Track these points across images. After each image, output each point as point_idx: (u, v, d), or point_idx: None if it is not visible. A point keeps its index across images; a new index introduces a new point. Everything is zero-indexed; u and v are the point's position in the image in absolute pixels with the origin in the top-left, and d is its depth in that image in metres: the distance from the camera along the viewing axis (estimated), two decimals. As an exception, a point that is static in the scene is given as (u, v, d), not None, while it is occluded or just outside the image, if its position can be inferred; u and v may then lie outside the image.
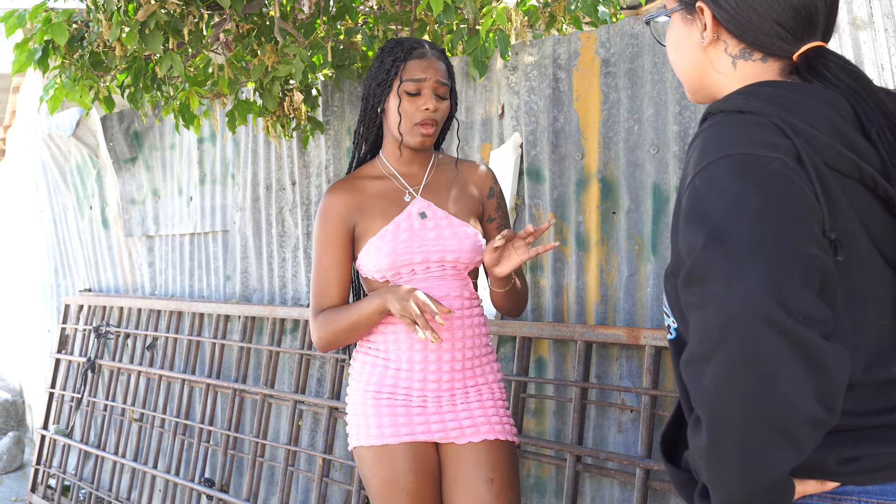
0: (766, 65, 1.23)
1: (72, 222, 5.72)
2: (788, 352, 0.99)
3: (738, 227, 1.04)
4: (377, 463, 2.13)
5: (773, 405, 1.00)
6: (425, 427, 2.13)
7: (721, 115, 1.18)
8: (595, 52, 2.76)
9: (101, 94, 3.71)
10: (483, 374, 2.21)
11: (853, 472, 1.12)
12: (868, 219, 1.13)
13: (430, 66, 2.16)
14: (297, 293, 3.96)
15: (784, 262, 1.02)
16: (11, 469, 6.14)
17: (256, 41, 3.44)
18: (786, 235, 1.04)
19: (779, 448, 1.02)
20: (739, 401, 1.01)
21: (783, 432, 1.02)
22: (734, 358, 1.01)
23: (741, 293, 1.00)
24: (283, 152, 3.97)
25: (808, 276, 1.03)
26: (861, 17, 2.17)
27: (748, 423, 1.02)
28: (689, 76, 1.30)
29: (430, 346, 2.13)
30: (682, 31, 1.28)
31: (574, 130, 2.82)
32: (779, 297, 1.00)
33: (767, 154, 1.09)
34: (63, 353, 5.24)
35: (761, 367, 1.00)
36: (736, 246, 1.03)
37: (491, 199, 2.27)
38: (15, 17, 3.47)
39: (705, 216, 1.07)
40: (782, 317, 0.99)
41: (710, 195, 1.08)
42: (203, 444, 4.07)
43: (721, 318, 1.02)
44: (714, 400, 1.03)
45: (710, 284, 1.03)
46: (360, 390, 2.19)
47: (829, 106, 1.16)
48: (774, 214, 1.05)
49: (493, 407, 2.19)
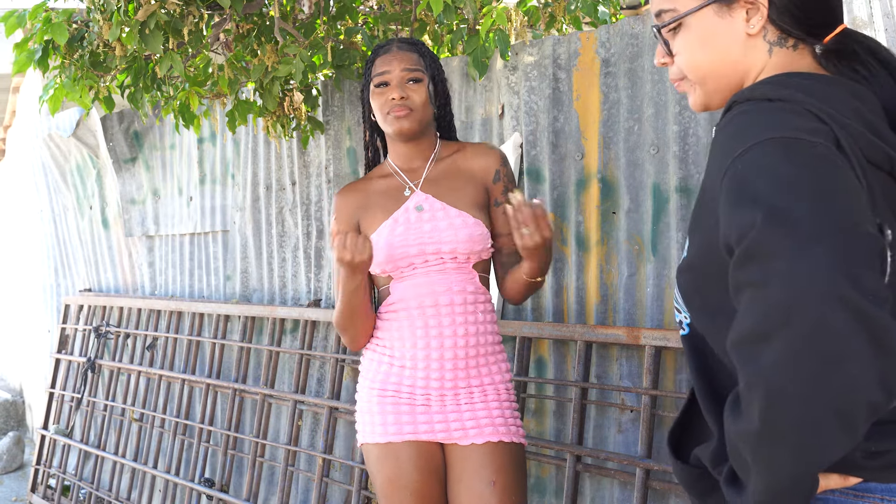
0: (797, 52, 1.23)
1: (72, 222, 5.72)
2: (860, 331, 0.96)
3: (798, 206, 1.01)
4: (381, 460, 2.15)
5: (837, 387, 0.97)
6: (429, 426, 2.14)
7: (749, 103, 1.16)
8: (595, 52, 2.76)
9: (101, 94, 3.71)
10: (490, 374, 2.20)
11: (878, 466, 1.10)
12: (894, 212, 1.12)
13: (395, 57, 2.21)
14: (297, 293, 3.96)
15: (848, 239, 0.99)
16: (11, 469, 6.15)
17: (256, 41, 3.44)
18: (845, 214, 1.01)
19: (836, 431, 0.99)
20: (803, 381, 0.97)
21: (843, 415, 0.98)
22: (801, 336, 0.97)
23: (810, 269, 0.97)
24: (283, 152, 3.97)
25: (872, 255, 1.00)
26: (861, 17, 2.17)
27: (809, 405, 0.98)
28: (719, 74, 1.26)
29: (433, 343, 2.13)
30: (717, 25, 1.24)
31: (574, 130, 2.82)
32: (849, 274, 0.97)
33: (810, 138, 1.06)
34: (63, 353, 5.24)
35: (829, 347, 0.96)
36: (799, 223, 0.99)
37: (497, 182, 2.24)
38: (15, 17, 3.47)
39: (758, 196, 1.03)
40: (855, 295, 0.96)
41: (759, 176, 1.05)
42: (203, 444, 4.07)
43: (788, 295, 0.98)
44: (774, 379, 0.99)
45: (773, 261, 1.00)
46: (366, 387, 2.22)
47: (858, 98, 1.15)
48: (830, 194, 1.02)
49: (499, 408, 2.18)
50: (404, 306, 2.15)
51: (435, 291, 2.14)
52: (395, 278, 2.18)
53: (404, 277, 2.17)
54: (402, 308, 2.15)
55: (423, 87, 2.19)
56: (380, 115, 2.20)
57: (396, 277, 2.17)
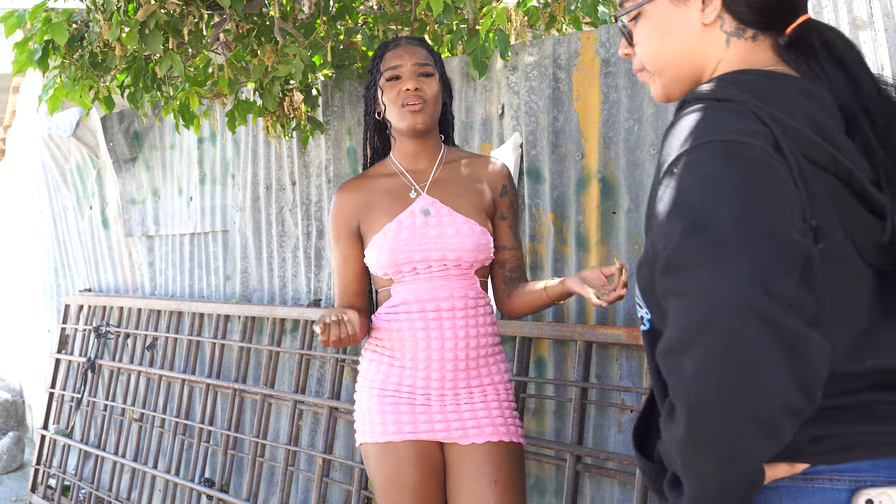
0: (756, 43, 1.22)
1: (72, 222, 5.72)
2: (772, 341, 0.98)
3: (720, 214, 1.02)
4: (381, 460, 2.14)
5: (755, 396, 0.99)
6: (429, 426, 2.14)
7: (698, 102, 1.16)
8: (595, 52, 2.76)
9: (101, 94, 3.71)
10: (489, 375, 2.20)
11: (824, 451, 1.11)
12: (842, 212, 1.11)
13: (405, 51, 2.20)
14: (297, 293, 3.96)
15: (768, 248, 1.00)
16: (11, 469, 6.14)
17: (256, 41, 3.44)
18: (769, 221, 1.02)
19: (758, 438, 1.01)
20: (721, 391, 1.00)
21: (763, 423, 1.01)
22: (717, 347, 0.99)
23: (725, 280, 0.99)
24: (283, 152, 3.97)
25: (792, 263, 1.01)
26: (861, 17, 2.17)
27: (729, 414, 1.00)
28: (674, 64, 1.26)
29: (434, 344, 2.13)
30: (673, 15, 1.25)
31: (574, 130, 2.82)
32: (764, 284, 0.98)
33: (749, 140, 1.07)
34: (63, 353, 5.24)
35: (745, 357, 0.98)
36: (719, 232, 1.01)
37: (504, 196, 2.25)
38: (15, 17, 3.47)
39: (685, 203, 1.05)
40: (767, 305, 0.98)
41: (691, 182, 1.06)
42: (203, 444, 4.07)
43: (705, 306, 1.00)
44: (694, 389, 1.02)
45: (692, 271, 1.02)
46: (366, 387, 2.21)
47: (808, 97, 1.14)
48: (757, 200, 1.03)
49: (499, 408, 2.18)
50: (406, 309, 2.14)
51: (437, 297, 2.14)
52: (396, 281, 2.17)
53: (406, 281, 2.16)
54: (404, 311, 2.15)
55: (434, 81, 2.19)
56: (393, 108, 2.17)
57: (398, 280, 2.17)
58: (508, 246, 2.25)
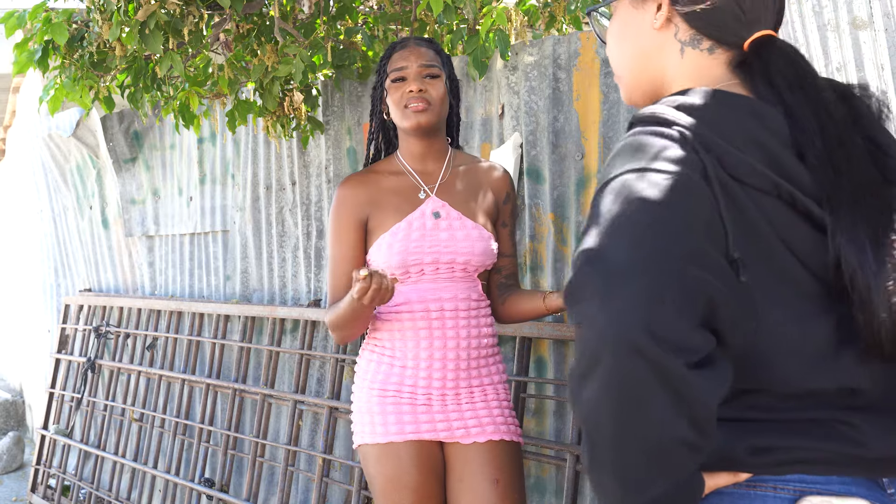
0: (713, 56, 1.19)
1: (72, 222, 5.72)
2: (655, 380, 0.98)
3: (617, 248, 1.02)
4: (382, 460, 2.13)
5: (644, 430, 1.00)
6: (430, 426, 2.13)
7: (640, 125, 1.15)
8: (595, 52, 2.76)
9: (101, 94, 3.71)
10: (489, 375, 2.21)
11: (767, 463, 1.11)
12: (790, 235, 1.10)
13: (412, 52, 2.19)
14: (297, 293, 3.96)
15: (659, 284, 1.00)
16: (11, 469, 6.14)
17: (256, 41, 3.44)
18: (666, 257, 1.01)
19: (651, 471, 1.02)
20: (612, 423, 1.01)
21: (654, 456, 1.01)
22: (606, 381, 1.00)
23: (610, 316, 0.99)
24: (283, 152, 3.97)
25: (685, 300, 1.01)
26: (861, 17, 2.17)
27: (620, 447, 1.02)
28: (631, 68, 1.25)
29: (437, 343, 2.13)
30: (630, 17, 1.24)
31: (574, 130, 2.82)
32: (647, 322, 0.98)
33: (670, 169, 1.06)
34: (63, 353, 5.24)
35: (631, 392, 0.99)
36: (612, 266, 1.02)
37: (507, 204, 2.27)
38: (15, 17, 3.47)
39: (593, 234, 1.06)
40: (648, 344, 0.98)
41: (601, 212, 1.07)
42: (203, 444, 4.07)
43: (595, 340, 1.01)
44: (590, 419, 1.03)
45: (585, 305, 1.02)
46: (365, 388, 2.19)
47: (757, 118, 1.12)
48: (658, 235, 1.03)
49: (499, 408, 2.19)
50: (409, 309, 2.14)
51: (441, 298, 2.14)
52: (401, 281, 2.16)
53: (411, 281, 2.15)
54: (407, 311, 2.14)
55: (440, 82, 2.18)
56: (397, 109, 2.16)
57: (402, 280, 2.16)
58: (507, 253, 2.27)
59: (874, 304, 1.06)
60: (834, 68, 2.21)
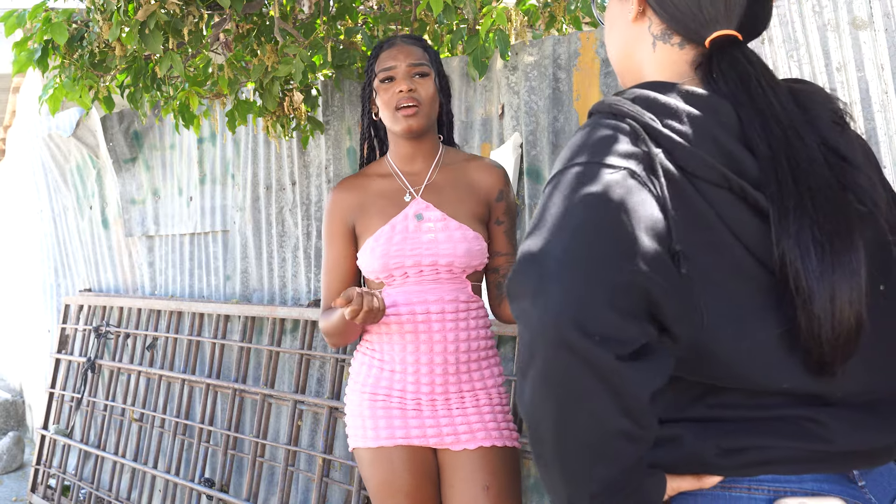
0: (682, 52, 1.22)
1: (72, 222, 5.72)
2: (587, 373, 0.99)
3: (553, 243, 1.04)
4: (374, 465, 2.12)
5: (581, 422, 1.01)
6: (420, 431, 2.12)
7: (595, 117, 1.17)
8: (595, 52, 2.76)
9: (100, 94, 3.71)
10: (482, 379, 2.17)
11: (737, 465, 1.10)
12: (740, 229, 1.10)
13: (400, 52, 2.16)
14: (297, 293, 3.96)
15: (590, 278, 1.01)
16: (11, 469, 6.14)
17: (256, 41, 3.44)
18: (600, 253, 1.03)
19: (593, 462, 1.03)
20: (550, 418, 1.02)
21: (594, 448, 1.02)
22: (542, 375, 1.01)
23: (540, 311, 1.01)
24: (283, 152, 3.97)
25: (617, 293, 1.01)
26: (861, 17, 2.17)
27: (560, 440, 1.03)
28: (617, 57, 1.30)
29: (423, 347, 2.11)
30: (617, 9, 1.28)
31: (574, 130, 2.82)
32: (576, 315, 0.99)
33: (616, 163, 1.08)
34: (63, 353, 5.24)
35: (565, 386, 1.00)
36: (545, 261, 1.03)
37: (500, 201, 2.22)
38: (15, 16, 3.47)
39: (532, 229, 1.08)
40: (576, 337, 0.98)
41: (545, 207, 1.08)
42: (203, 444, 4.07)
43: (528, 336, 1.02)
44: (530, 414, 1.04)
45: (520, 300, 1.04)
46: (357, 391, 2.18)
47: (711, 112, 1.13)
48: (595, 231, 1.04)
49: (491, 412, 2.16)
50: (395, 312, 2.11)
51: (427, 300, 2.11)
52: (387, 284, 2.15)
53: (396, 284, 2.14)
54: (393, 314, 2.11)
55: (430, 81, 2.16)
56: (387, 111, 2.14)
57: (389, 284, 2.15)
58: (503, 252, 2.21)
59: (815, 307, 1.06)
60: (834, 68, 2.21)
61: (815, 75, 2.23)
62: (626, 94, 1.17)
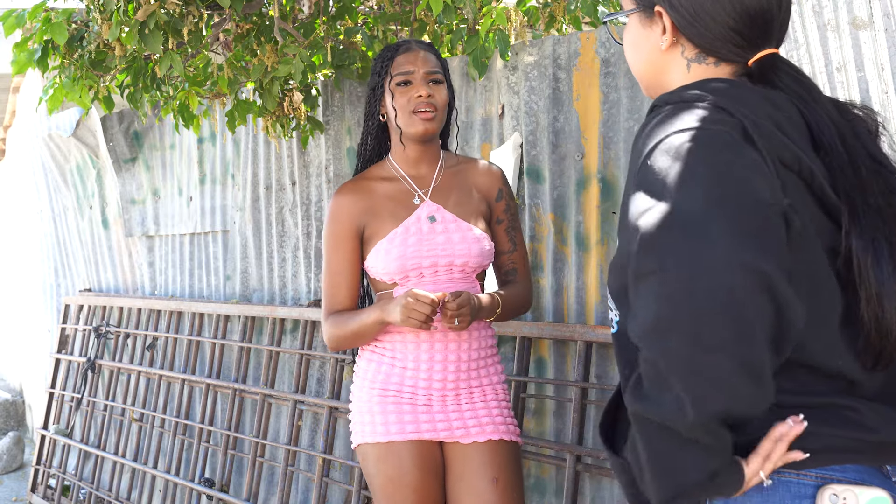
0: (719, 69, 1.25)
1: (72, 222, 5.72)
2: (763, 299, 1.01)
3: (687, 198, 1.05)
4: (382, 460, 2.14)
5: (754, 352, 1.02)
6: (430, 426, 2.15)
7: (668, 106, 1.20)
8: (595, 52, 2.76)
9: (100, 94, 3.71)
10: (488, 375, 2.22)
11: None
12: (806, 212, 1.14)
13: (418, 57, 2.19)
14: (297, 293, 3.96)
15: (750, 214, 1.04)
16: (11, 469, 6.14)
17: (256, 41, 3.44)
18: (743, 189, 1.05)
19: (748, 384, 1.03)
20: (719, 350, 1.01)
21: (753, 369, 1.02)
22: (708, 312, 1.01)
23: (713, 248, 1.02)
24: (283, 152, 3.97)
25: (772, 225, 1.05)
26: (861, 17, 2.17)
27: (730, 374, 1.02)
28: (644, 76, 1.32)
29: (438, 346, 2.14)
30: (640, 34, 1.30)
31: (574, 130, 2.82)
32: (743, 253, 1.01)
33: (716, 128, 1.11)
34: (63, 353, 5.24)
35: (739, 315, 1.01)
36: (688, 215, 1.04)
37: (500, 201, 2.27)
38: (14, 17, 3.46)
39: (657, 185, 1.08)
40: (760, 265, 1.01)
41: (661, 166, 1.09)
42: (203, 444, 4.07)
43: (691, 275, 1.02)
44: (689, 358, 1.02)
45: (674, 245, 1.04)
46: (365, 388, 2.20)
47: (773, 105, 1.18)
48: (727, 174, 1.07)
49: (498, 407, 2.21)
50: None
51: None
52: (400, 284, 2.17)
53: (411, 284, 2.16)
54: None
55: (444, 88, 2.20)
56: (403, 113, 2.16)
57: (402, 283, 2.17)
58: (504, 250, 2.28)
59: (885, 310, 1.11)
60: (834, 68, 2.21)
61: (815, 75, 2.23)
62: (690, 86, 1.20)
